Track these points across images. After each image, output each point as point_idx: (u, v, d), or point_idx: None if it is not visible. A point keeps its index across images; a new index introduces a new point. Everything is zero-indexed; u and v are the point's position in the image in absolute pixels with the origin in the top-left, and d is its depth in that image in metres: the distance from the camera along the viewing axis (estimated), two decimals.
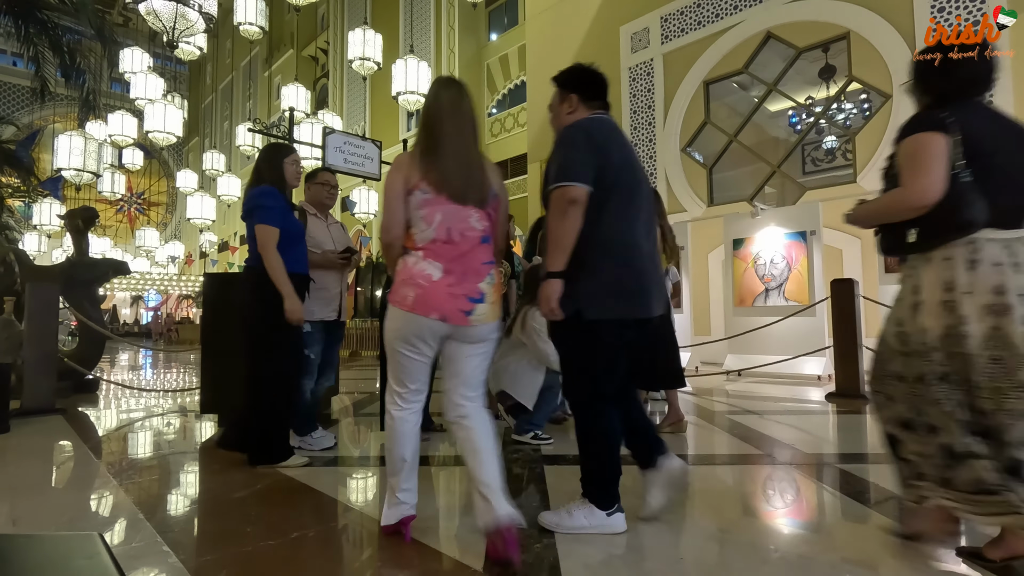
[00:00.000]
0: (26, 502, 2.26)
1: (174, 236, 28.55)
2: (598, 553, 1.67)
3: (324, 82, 21.80)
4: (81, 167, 10.22)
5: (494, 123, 15.49)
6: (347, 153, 6.12)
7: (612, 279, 1.72)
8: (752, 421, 3.86)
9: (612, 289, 1.72)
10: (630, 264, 1.74)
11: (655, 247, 1.87)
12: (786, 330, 6.40)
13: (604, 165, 1.72)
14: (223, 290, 3.96)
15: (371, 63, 8.30)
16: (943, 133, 1.49)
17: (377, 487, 2.48)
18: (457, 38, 15.59)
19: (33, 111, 26.49)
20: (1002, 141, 1.53)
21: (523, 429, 3.10)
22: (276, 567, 1.60)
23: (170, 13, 6.54)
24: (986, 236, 1.47)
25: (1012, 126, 1.58)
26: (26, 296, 4.54)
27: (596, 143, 1.73)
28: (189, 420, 4.28)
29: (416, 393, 1.75)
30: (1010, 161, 1.51)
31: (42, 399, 4.34)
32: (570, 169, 1.70)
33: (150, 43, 13.80)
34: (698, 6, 9.24)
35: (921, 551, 1.67)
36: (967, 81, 1.60)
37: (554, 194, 1.71)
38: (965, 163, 1.48)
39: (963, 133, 1.50)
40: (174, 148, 27.65)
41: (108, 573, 0.69)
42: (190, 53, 9.11)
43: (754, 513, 2.11)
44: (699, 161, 9.30)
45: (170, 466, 2.86)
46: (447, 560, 1.63)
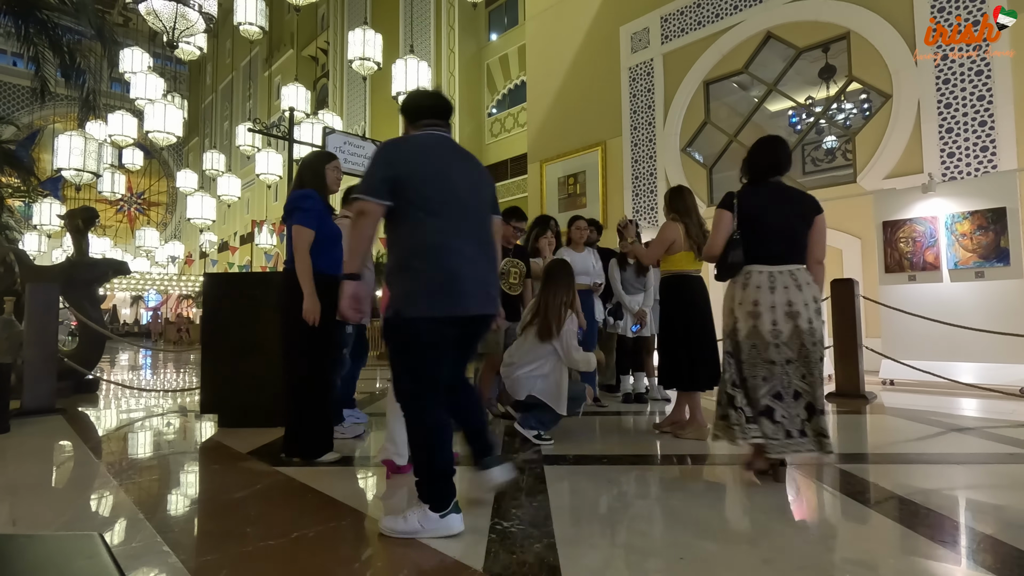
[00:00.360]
0: (26, 502, 2.26)
1: (174, 236, 28.56)
2: (598, 554, 1.67)
3: (324, 82, 21.81)
4: (81, 167, 10.22)
5: (494, 123, 15.50)
6: (347, 153, 6.12)
7: (425, 280, 1.83)
8: None
9: (426, 289, 1.82)
10: (443, 266, 1.84)
11: (486, 250, 1.97)
12: None
13: (406, 177, 1.85)
14: (223, 290, 3.98)
15: (371, 63, 8.29)
16: (728, 210, 2.45)
17: (377, 487, 2.48)
18: (457, 38, 15.60)
19: (33, 111, 26.51)
20: (773, 208, 2.41)
21: (529, 423, 3.10)
22: (276, 567, 1.60)
23: (170, 13, 6.54)
24: (756, 268, 2.39)
25: (787, 196, 2.46)
26: (26, 296, 4.54)
27: (392, 159, 1.89)
28: (189, 420, 4.28)
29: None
30: (777, 221, 2.40)
31: (42, 399, 4.34)
32: (365, 184, 1.89)
33: (150, 43, 13.80)
34: (698, 6, 9.24)
35: (920, 550, 1.67)
36: (768, 168, 2.48)
37: (351, 205, 1.96)
38: (738, 226, 2.42)
39: (740, 206, 2.42)
40: (174, 148, 27.67)
41: (108, 573, 0.69)
42: (190, 53, 9.10)
43: (754, 513, 2.11)
44: (699, 161, 9.30)
45: (170, 466, 2.86)
46: (447, 560, 1.63)
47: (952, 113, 6.72)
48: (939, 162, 6.75)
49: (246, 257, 23.02)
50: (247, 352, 3.72)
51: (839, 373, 4.78)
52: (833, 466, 2.68)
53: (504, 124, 15.21)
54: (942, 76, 6.80)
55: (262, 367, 3.72)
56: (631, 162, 10.02)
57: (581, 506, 2.12)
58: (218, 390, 3.79)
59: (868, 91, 7.75)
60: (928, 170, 6.66)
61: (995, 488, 2.37)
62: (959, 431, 3.51)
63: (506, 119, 15.16)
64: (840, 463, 2.73)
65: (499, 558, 1.62)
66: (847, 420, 3.97)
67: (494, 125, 15.48)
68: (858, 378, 4.65)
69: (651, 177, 9.71)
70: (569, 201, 10.93)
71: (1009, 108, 6.32)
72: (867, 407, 4.40)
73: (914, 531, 1.83)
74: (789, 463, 2.48)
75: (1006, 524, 1.90)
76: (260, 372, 3.72)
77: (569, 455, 2.89)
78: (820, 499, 2.29)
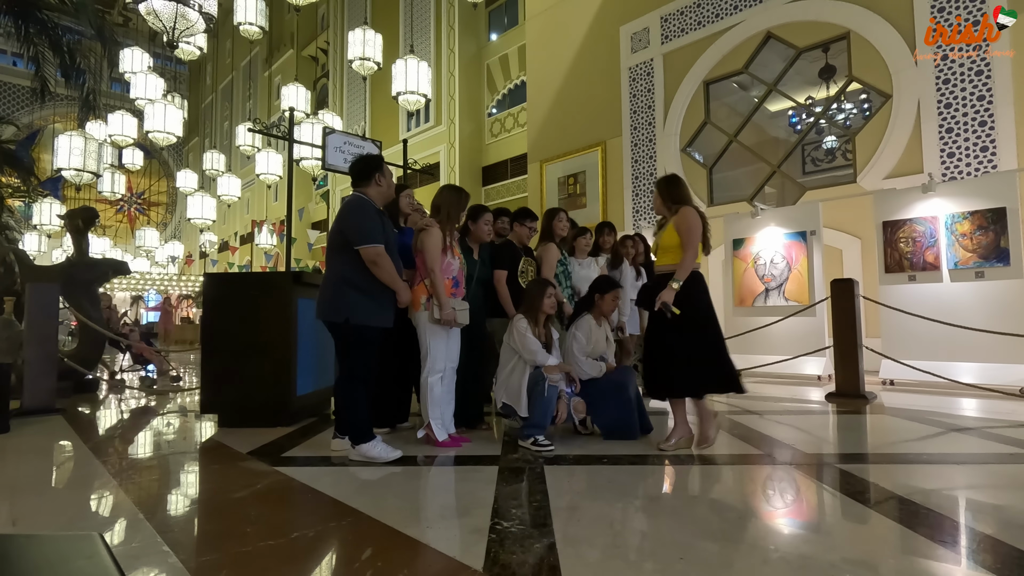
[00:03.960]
0: (26, 502, 2.26)
1: (174, 236, 28.54)
2: (599, 553, 1.67)
3: (324, 82, 21.80)
4: (81, 167, 10.20)
5: (494, 123, 15.49)
6: (347, 153, 6.11)
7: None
8: (752, 421, 3.86)
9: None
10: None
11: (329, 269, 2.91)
12: (786, 330, 6.40)
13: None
14: (223, 290, 3.98)
15: (371, 63, 8.28)
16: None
17: (377, 487, 2.48)
18: (457, 38, 15.58)
19: (33, 111, 26.49)
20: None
21: (523, 435, 3.09)
22: (276, 567, 1.60)
23: (170, 13, 6.53)
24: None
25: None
26: (26, 296, 4.54)
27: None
28: (189, 420, 4.28)
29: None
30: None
31: (42, 399, 4.35)
32: (375, 235, 2.81)
33: (150, 43, 13.79)
34: (698, 6, 9.25)
35: (920, 550, 1.67)
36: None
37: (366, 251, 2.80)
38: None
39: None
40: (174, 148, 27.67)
41: (108, 573, 0.69)
42: (190, 53, 9.10)
43: (754, 513, 2.11)
44: (699, 161, 9.30)
45: (170, 466, 2.86)
46: (447, 560, 1.63)
47: (952, 113, 6.72)
48: (939, 162, 6.75)
49: (246, 257, 23.01)
50: (247, 352, 3.73)
51: (839, 373, 4.78)
52: (833, 466, 2.68)
53: (504, 124, 15.20)
54: (942, 76, 6.80)
55: (262, 367, 3.73)
56: (631, 162, 10.02)
57: (581, 506, 2.12)
58: (218, 390, 3.79)
59: (868, 91, 7.75)
60: (928, 170, 6.66)
61: (995, 488, 2.37)
62: (959, 431, 3.51)
63: (506, 119, 15.15)
64: (840, 463, 2.73)
65: (499, 558, 1.62)
66: (847, 420, 3.97)
67: (494, 125, 15.47)
68: (858, 378, 4.64)
69: (651, 177, 9.71)
70: (569, 201, 10.93)
71: (1009, 108, 6.32)
72: (867, 407, 4.40)
73: (914, 531, 1.84)
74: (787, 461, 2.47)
75: (1006, 524, 1.90)
76: (260, 372, 3.73)
77: (569, 455, 2.90)
78: (820, 499, 2.29)
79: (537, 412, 3.05)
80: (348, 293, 2.77)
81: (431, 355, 3.02)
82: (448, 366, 3.12)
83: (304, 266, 17.48)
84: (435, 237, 3.05)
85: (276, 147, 12.35)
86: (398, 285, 2.85)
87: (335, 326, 2.85)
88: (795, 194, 8.23)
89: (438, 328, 3.03)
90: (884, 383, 5.75)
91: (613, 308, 3.45)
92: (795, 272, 6.68)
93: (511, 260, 3.63)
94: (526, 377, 3.13)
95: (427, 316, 3.01)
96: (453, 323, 3.03)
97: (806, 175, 8.68)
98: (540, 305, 3.19)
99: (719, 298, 8.49)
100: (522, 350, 3.14)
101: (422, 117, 16.37)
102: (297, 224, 18.13)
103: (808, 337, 6.31)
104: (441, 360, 3.05)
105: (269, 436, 3.42)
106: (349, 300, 2.77)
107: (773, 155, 8.83)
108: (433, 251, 3.02)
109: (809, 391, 5.45)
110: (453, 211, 3.16)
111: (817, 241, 6.58)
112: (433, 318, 2.99)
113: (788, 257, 6.76)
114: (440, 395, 3.08)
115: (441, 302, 2.97)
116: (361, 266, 2.77)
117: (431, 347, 3.02)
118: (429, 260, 3.01)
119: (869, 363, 5.14)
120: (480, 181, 15.58)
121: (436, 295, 2.98)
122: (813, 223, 6.63)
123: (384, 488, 2.40)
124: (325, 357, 4.17)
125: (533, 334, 3.15)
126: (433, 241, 3.03)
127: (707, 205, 8.97)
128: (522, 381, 3.12)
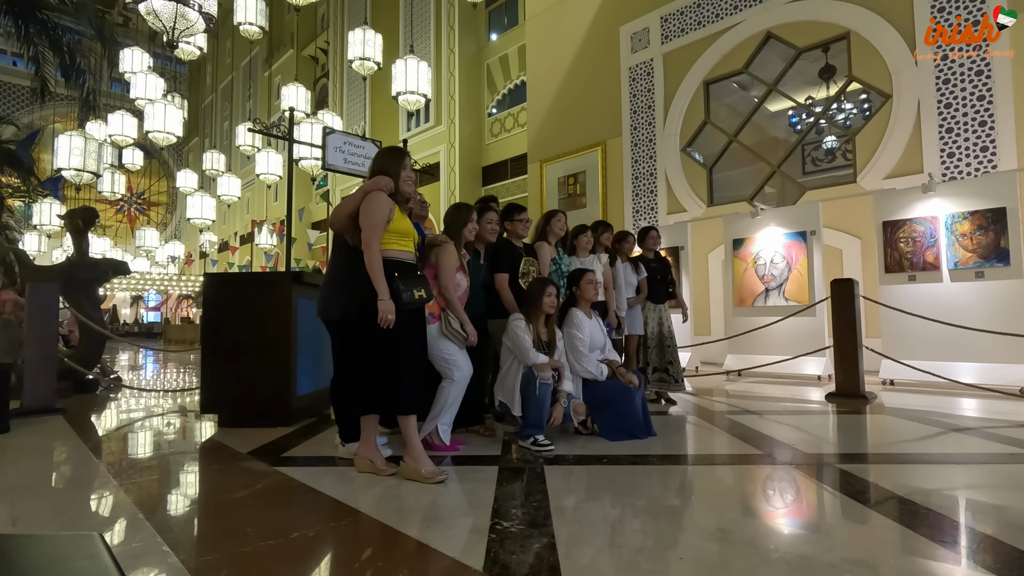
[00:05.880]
0: (26, 502, 2.26)
1: (174, 236, 28.55)
2: (598, 553, 1.67)
3: (324, 82, 21.80)
4: (81, 167, 10.19)
5: (494, 123, 15.49)
6: (347, 153, 6.10)
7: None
8: (752, 421, 3.86)
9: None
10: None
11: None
12: (786, 330, 6.40)
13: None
14: (223, 290, 3.98)
15: (371, 63, 8.27)
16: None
17: (377, 487, 2.47)
18: (457, 38, 15.58)
19: (33, 111, 26.51)
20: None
21: (522, 435, 3.10)
22: (276, 567, 1.60)
23: (170, 13, 6.53)
24: None
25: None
26: (26, 296, 4.54)
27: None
28: (189, 420, 4.28)
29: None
30: None
31: (42, 399, 4.35)
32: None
33: (150, 43, 13.80)
34: (698, 6, 9.24)
35: (920, 550, 1.67)
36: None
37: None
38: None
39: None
40: (174, 148, 27.69)
41: (108, 573, 0.69)
42: (190, 53, 9.09)
43: (754, 513, 2.11)
44: (699, 161, 9.30)
45: (170, 466, 2.86)
46: (447, 560, 1.63)
47: (952, 113, 6.72)
48: (939, 162, 6.75)
49: (246, 257, 23.01)
50: (247, 352, 3.73)
51: (839, 373, 4.78)
52: (833, 466, 2.68)
53: (504, 124, 15.20)
54: (942, 76, 6.80)
55: (262, 367, 3.73)
56: (631, 162, 10.02)
57: (581, 506, 2.12)
58: (218, 390, 3.79)
59: (868, 91, 7.75)
60: (928, 170, 6.66)
61: (995, 488, 2.37)
62: (959, 431, 3.51)
63: (506, 119, 15.15)
64: (840, 463, 2.73)
65: (499, 558, 1.62)
66: (847, 420, 3.97)
67: (494, 125, 15.47)
68: (858, 378, 4.64)
69: (651, 177, 9.71)
70: (569, 201, 10.93)
71: (1009, 108, 6.32)
72: (867, 407, 4.40)
73: (914, 531, 1.84)
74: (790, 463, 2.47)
75: (1006, 524, 1.90)
76: (260, 372, 3.73)
77: (569, 455, 2.90)
78: (820, 499, 2.29)
79: (532, 412, 3.05)
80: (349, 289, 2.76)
81: (452, 362, 2.98)
82: (468, 373, 3.12)
83: (304, 266, 17.49)
84: (452, 255, 3.06)
85: (276, 147, 12.35)
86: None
87: (334, 324, 2.86)
88: (795, 194, 8.23)
89: (450, 337, 3.03)
90: (884, 383, 5.75)
91: (593, 291, 3.56)
92: (795, 272, 6.68)
93: (511, 263, 3.62)
94: (519, 377, 3.15)
95: (437, 328, 3.00)
96: (467, 340, 3.02)
97: (806, 175, 8.68)
98: (540, 304, 3.21)
99: (719, 298, 8.54)
100: (514, 348, 3.17)
101: (422, 117, 16.37)
102: (297, 224, 18.12)
103: (808, 337, 6.31)
104: (465, 366, 3.03)
105: (269, 436, 3.42)
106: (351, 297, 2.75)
107: (773, 155, 8.83)
108: (449, 269, 3.03)
109: (809, 391, 5.45)
110: (456, 229, 3.16)
111: (817, 241, 6.58)
112: (443, 331, 2.98)
113: (788, 257, 6.76)
114: (455, 401, 3.07)
115: (462, 320, 2.99)
116: (362, 266, 2.77)
117: (449, 355, 2.98)
118: (444, 278, 3.02)
119: (869, 363, 5.14)
120: (480, 181, 15.58)
121: (456, 314, 2.99)
122: (813, 223, 6.63)
123: (384, 488, 2.40)
124: (325, 357, 4.16)
125: (533, 333, 3.17)
126: (450, 260, 3.04)
127: (707, 205, 8.98)
128: (516, 381, 3.15)
